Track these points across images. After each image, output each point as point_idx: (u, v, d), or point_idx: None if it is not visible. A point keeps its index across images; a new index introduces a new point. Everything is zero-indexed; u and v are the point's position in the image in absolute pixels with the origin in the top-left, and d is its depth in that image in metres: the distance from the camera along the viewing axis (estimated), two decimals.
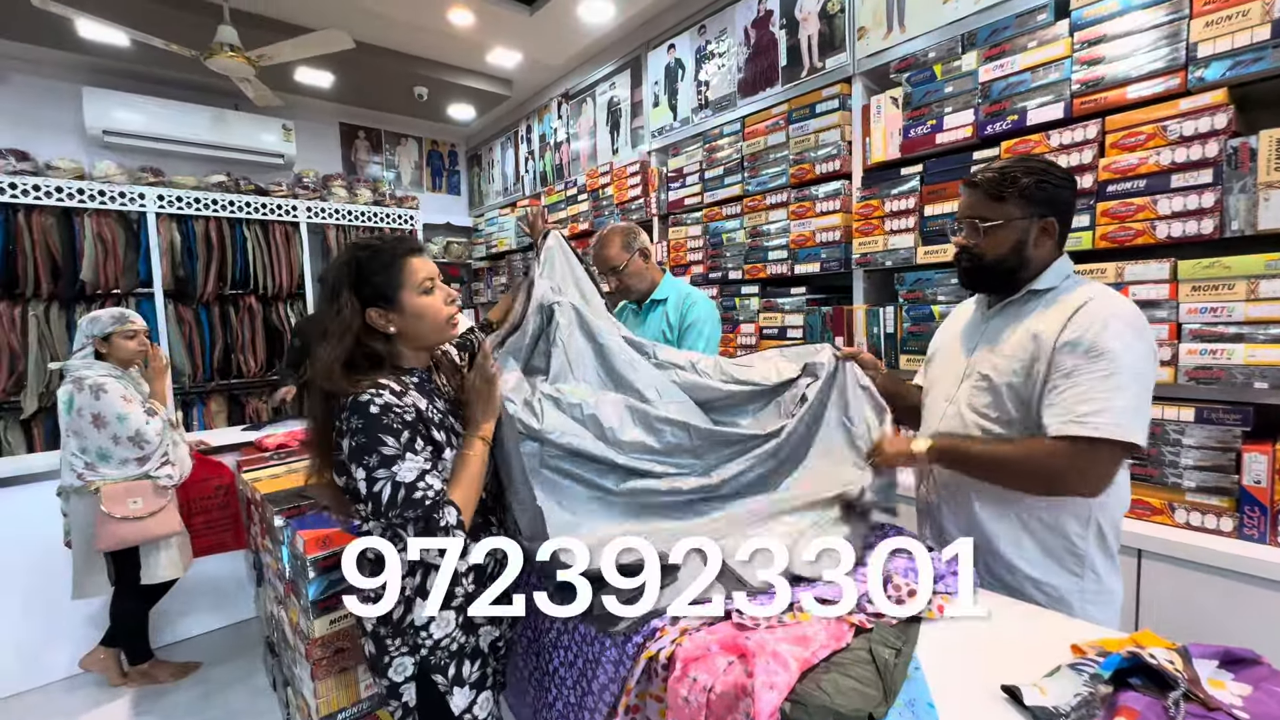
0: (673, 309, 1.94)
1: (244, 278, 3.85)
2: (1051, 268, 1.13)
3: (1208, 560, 1.43)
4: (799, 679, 0.83)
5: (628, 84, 3.44)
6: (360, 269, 1.07)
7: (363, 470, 0.95)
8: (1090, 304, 1.05)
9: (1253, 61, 1.42)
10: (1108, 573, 1.12)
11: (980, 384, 1.16)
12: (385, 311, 1.07)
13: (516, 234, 4.52)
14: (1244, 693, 0.76)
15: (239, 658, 2.54)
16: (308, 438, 1.09)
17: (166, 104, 3.75)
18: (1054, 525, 1.11)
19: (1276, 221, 1.39)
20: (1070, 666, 0.80)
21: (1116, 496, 1.11)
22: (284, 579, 1.83)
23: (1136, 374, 1.00)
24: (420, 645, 1.05)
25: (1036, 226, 1.10)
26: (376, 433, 0.96)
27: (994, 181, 1.11)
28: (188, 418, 3.75)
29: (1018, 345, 1.11)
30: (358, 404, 0.97)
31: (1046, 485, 1.06)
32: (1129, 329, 1.01)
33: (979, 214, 1.13)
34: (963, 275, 1.21)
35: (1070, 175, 1.12)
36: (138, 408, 2.11)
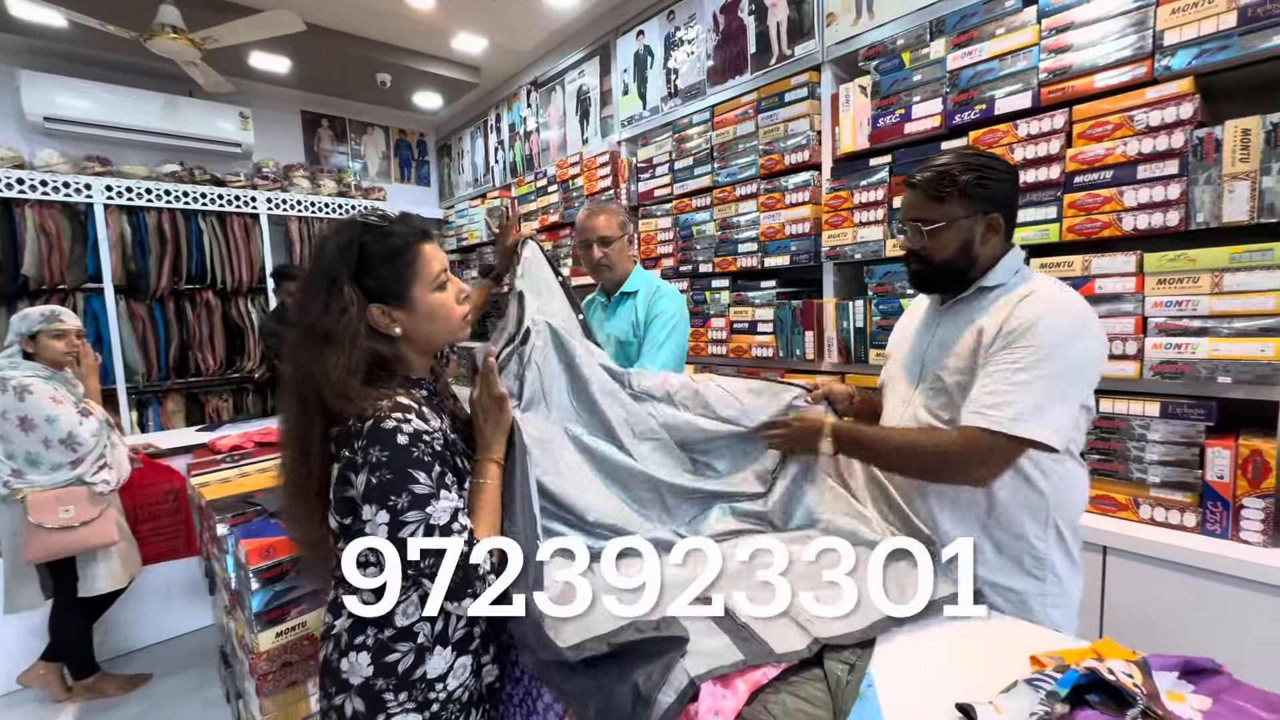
0: (641, 302, 1.88)
1: (201, 272, 3.70)
2: (1001, 263, 1.10)
3: (1171, 556, 1.42)
4: (748, 701, 0.78)
5: (597, 72, 3.35)
6: (365, 255, 0.88)
7: (386, 513, 0.80)
8: (1030, 298, 1.03)
9: (1219, 50, 1.39)
10: (1068, 574, 1.10)
11: (935, 385, 1.14)
12: (391, 309, 0.90)
13: (485, 228, 4.41)
14: (1204, 706, 0.73)
15: (192, 668, 2.45)
16: (290, 475, 0.90)
17: (114, 89, 3.56)
18: (1012, 527, 1.08)
19: (1241, 214, 1.37)
20: (1027, 682, 0.76)
21: (1073, 496, 1.10)
22: (230, 589, 1.75)
23: (1058, 371, 0.97)
24: (432, 701, 0.90)
25: (981, 224, 1.07)
26: (407, 468, 0.81)
27: (933, 182, 1.08)
28: (142, 418, 3.61)
29: (965, 344, 1.09)
30: (381, 432, 0.81)
31: (938, 473, 1.07)
32: (1064, 324, 0.99)
33: (921, 216, 1.10)
34: (912, 278, 1.19)
35: (1011, 167, 1.10)
36: (69, 409, 2.00)
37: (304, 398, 0.85)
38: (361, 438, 0.81)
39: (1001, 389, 0.98)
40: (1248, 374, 1.36)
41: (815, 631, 0.88)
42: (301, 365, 0.85)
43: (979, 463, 1.00)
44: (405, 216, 0.95)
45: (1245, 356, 1.36)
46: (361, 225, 0.90)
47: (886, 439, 1.12)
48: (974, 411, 1.00)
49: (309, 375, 0.84)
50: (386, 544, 0.82)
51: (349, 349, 0.84)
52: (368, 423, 0.81)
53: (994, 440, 0.98)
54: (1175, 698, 0.74)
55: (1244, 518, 1.40)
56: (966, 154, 1.10)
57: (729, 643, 0.85)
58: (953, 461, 1.02)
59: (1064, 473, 1.08)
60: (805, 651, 0.84)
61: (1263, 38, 1.33)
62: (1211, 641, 1.38)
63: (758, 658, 0.82)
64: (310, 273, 0.89)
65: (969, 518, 1.11)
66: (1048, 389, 0.97)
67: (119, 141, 3.66)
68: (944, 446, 1.03)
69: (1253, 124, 1.34)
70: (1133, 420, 1.53)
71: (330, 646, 0.92)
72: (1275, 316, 1.33)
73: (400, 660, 0.89)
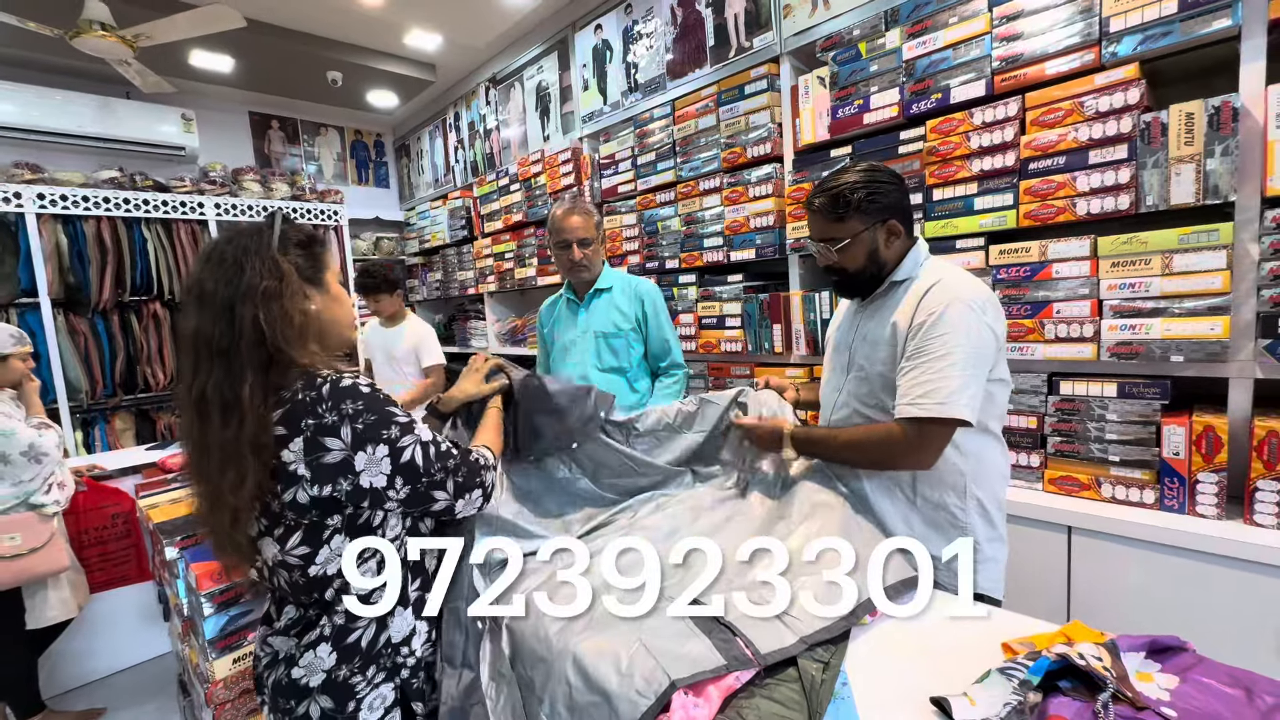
0: (622, 298, 1.96)
1: (146, 282, 3.52)
2: (907, 257, 1.20)
3: (1132, 533, 1.45)
4: (721, 708, 0.76)
5: (556, 67, 3.30)
6: (285, 236, 0.91)
7: (385, 446, 0.85)
8: (934, 289, 1.12)
9: (1162, 36, 1.42)
10: (988, 542, 1.19)
11: (859, 374, 1.24)
12: (305, 287, 0.91)
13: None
14: (1171, 685, 0.73)
15: (149, 699, 2.32)
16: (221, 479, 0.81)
17: (44, 92, 3.36)
18: (936, 501, 1.19)
19: (1188, 196, 1.40)
20: (1000, 671, 0.76)
21: (990, 470, 1.19)
22: (183, 615, 1.66)
23: (968, 353, 1.06)
24: (400, 666, 0.93)
25: (882, 232, 1.17)
26: (384, 407, 0.87)
27: (829, 204, 1.17)
28: (88, 438, 3.43)
29: (883, 336, 1.18)
30: (345, 389, 0.85)
31: (888, 462, 1.17)
32: (965, 310, 1.07)
33: (827, 236, 1.19)
34: (835, 289, 1.31)
35: (896, 174, 1.19)
36: (20, 423, 1.90)
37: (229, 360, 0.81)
38: (325, 400, 0.83)
39: (924, 379, 1.07)
40: (1199, 352, 1.40)
41: (801, 630, 0.86)
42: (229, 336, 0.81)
43: (919, 449, 1.09)
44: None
45: (1196, 335, 1.40)
46: (280, 214, 0.93)
47: (835, 437, 1.21)
48: (906, 403, 1.09)
49: (252, 338, 0.81)
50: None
51: (302, 301, 0.87)
52: (324, 386, 0.83)
53: (927, 426, 1.07)
54: (1144, 678, 0.75)
55: (1199, 492, 1.44)
56: (854, 170, 1.18)
57: (710, 646, 0.83)
58: (897, 450, 1.11)
59: (979, 447, 1.17)
60: (791, 650, 0.83)
61: (1202, 23, 1.36)
62: (1174, 615, 1.41)
63: (739, 664, 0.80)
64: (224, 243, 0.87)
65: (897, 495, 1.22)
66: (961, 371, 1.05)
67: (50, 147, 3.45)
68: (887, 439, 1.11)
69: (1195, 108, 1.37)
70: (1092, 401, 1.56)
71: (280, 669, 0.90)
72: (1222, 295, 1.37)
73: (361, 635, 0.89)
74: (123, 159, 3.64)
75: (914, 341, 1.10)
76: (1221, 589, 1.35)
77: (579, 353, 1.97)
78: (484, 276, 3.94)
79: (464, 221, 4.12)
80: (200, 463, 0.85)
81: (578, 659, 0.83)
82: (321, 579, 0.88)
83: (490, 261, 3.85)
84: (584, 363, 1.95)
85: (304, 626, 0.90)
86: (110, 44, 2.35)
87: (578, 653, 0.84)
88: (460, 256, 4.22)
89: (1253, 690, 0.69)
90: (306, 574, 0.87)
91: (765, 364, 2.36)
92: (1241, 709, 0.67)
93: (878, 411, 1.21)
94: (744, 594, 0.94)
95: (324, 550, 0.87)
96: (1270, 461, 1.34)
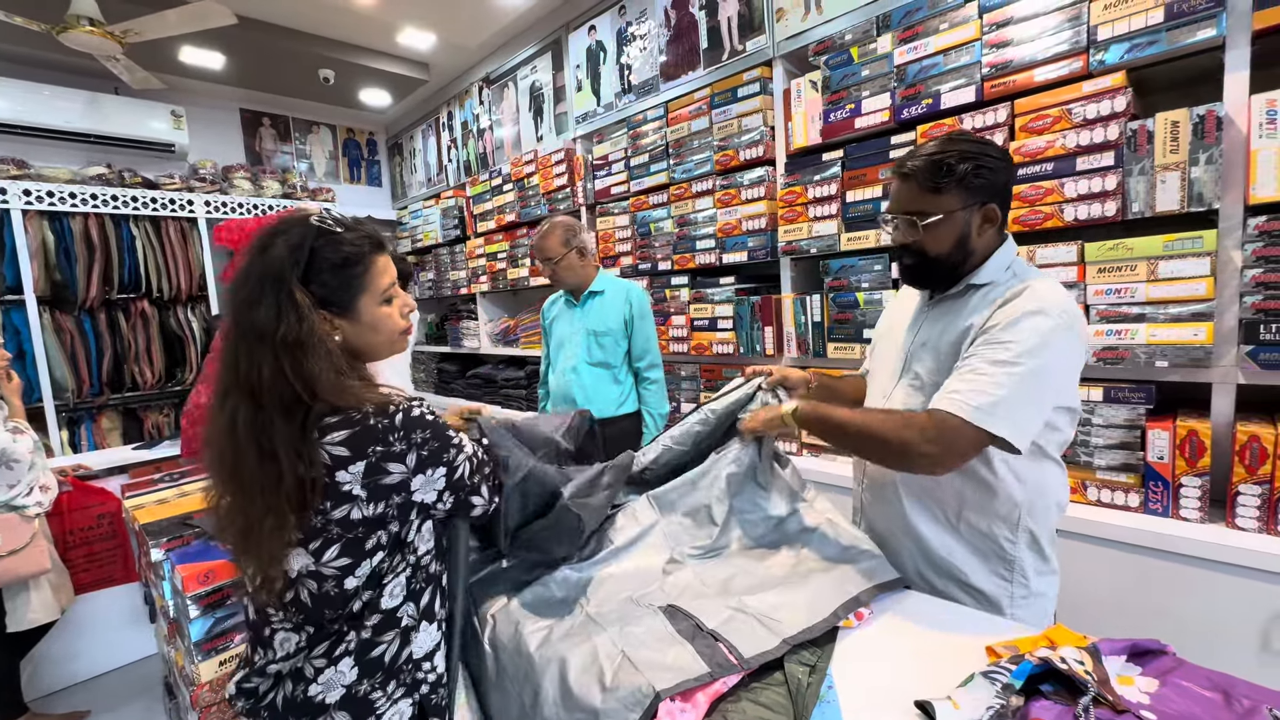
0: (614, 300, 2.20)
1: (134, 280, 3.49)
2: (992, 259, 1.05)
3: (1117, 537, 1.47)
4: (707, 712, 0.76)
5: (549, 68, 3.29)
6: (315, 259, 0.83)
7: (444, 468, 0.87)
8: (1019, 297, 0.97)
9: (1149, 44, 1.44)
10: (1038, 575, 1.07)
11: (914, 383, 1.09)
12: (333, 318, 0.86)
13: (442, 226, 4.29)
14: (1151, 688, 0.74)
15: (135, 701, 2.30)
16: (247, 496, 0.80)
17: (31, 87, 3.32)
18: (984, 530, 1.06)
19: (1173, 203, 1.41)
20: (983, 674, 0.76)
21: (1047, 500, 1.06)
22: (168, 617, 1.64)
23: (1034, 369, 0.91)
24: (421, 681, 0.90)
25: (978, 215, 1.02)
26: (444, 431, 0.88)
27: (928, 172, 1.01)
28: (74, 438, 3.39)
29: (950, 345, 1.04)
30: (416, 419, 0.84)
31: (897, 457, 0.98)
32: (1046, 325, 0.93)
33: (915, 209, 1.03)
34: (905, 273, 1.11)
35: (1005, 153, 1.05)
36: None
37: (258, 402, 0.79)
38: (398, 430, 0.82)
39: (972, 378, 0.93)
40: (1182, 357, 1.42)
41: (783, 632, 0.86)
42: (252, 369, 0.78)
43: (940, 448, 0.92)
44: (360, 223, 0.91)
45: (1180, 341, 1.41)
46: (316, 228, 0.84)
47: (849, 417, 1.03)
48: (943, 396, 0.95)
49: (272, 381, 0.78)
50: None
51: (325, 353, 0.81)
52: (398, 416, 0.83)
53: (958, 427, 0.91)
54: (1125, 681, 0.76)
55: (1183, 496, 1.45)
56: (959, 140, 1.02)
57: (693, 653, 0.83)
58: (912, 445, 0.93)
59: (1040, 476, 1.04)
60: (774, 653, 0.83)
61: (1188, 32, 1.38)
62: (1157, 617, 1.43)
63: (724, 670, 0.80)
64: (252, 267, 0.82)
65: (938, 516, 1.09)
66: (1019, 386, 0.91)
67: (38, 142, 3.42)
68: (905, 429, 0.95)
69: (1181, 116, 1.38)
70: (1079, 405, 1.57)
71: (288, 687, 0.85)
72: (1206, 302, 1.38)
73: (385, 650, 0.86)
74: (111, 155, 3.60)
75: (976, 342, 0.97)
76: (1203, 592, 1.37)
77: (573, 347, 2.23)
78: (476, 276, 3.93)
79: (456, 221, 4.10)
80: (229, 481, 0.82)
81: (563, 674, 0.83)
82: (356, 591, 0.85)
83: (483, 261, 3.84)
84: (576, 356, 2.21)
85: (326, 642, 0.85)
86: (98, 40, 2.32)
87: (563, 668, 0.83)
88: (453, 256, 4.21)
89: (1230, 693, 0.70)
90: (342, 585, 0.83)
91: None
92: (1219, 712, 0.68)
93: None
94: (721, 601, 0.94)
95: (365, 563, 0.84)
96: (1252, 466, 1.36)
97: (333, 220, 0.87)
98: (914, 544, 1.10)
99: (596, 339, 2.18)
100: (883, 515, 1.17)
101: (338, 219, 0.88)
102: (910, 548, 1.12)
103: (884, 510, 1.16)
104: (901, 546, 1.14)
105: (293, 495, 0.78)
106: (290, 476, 0.77)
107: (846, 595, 0.95)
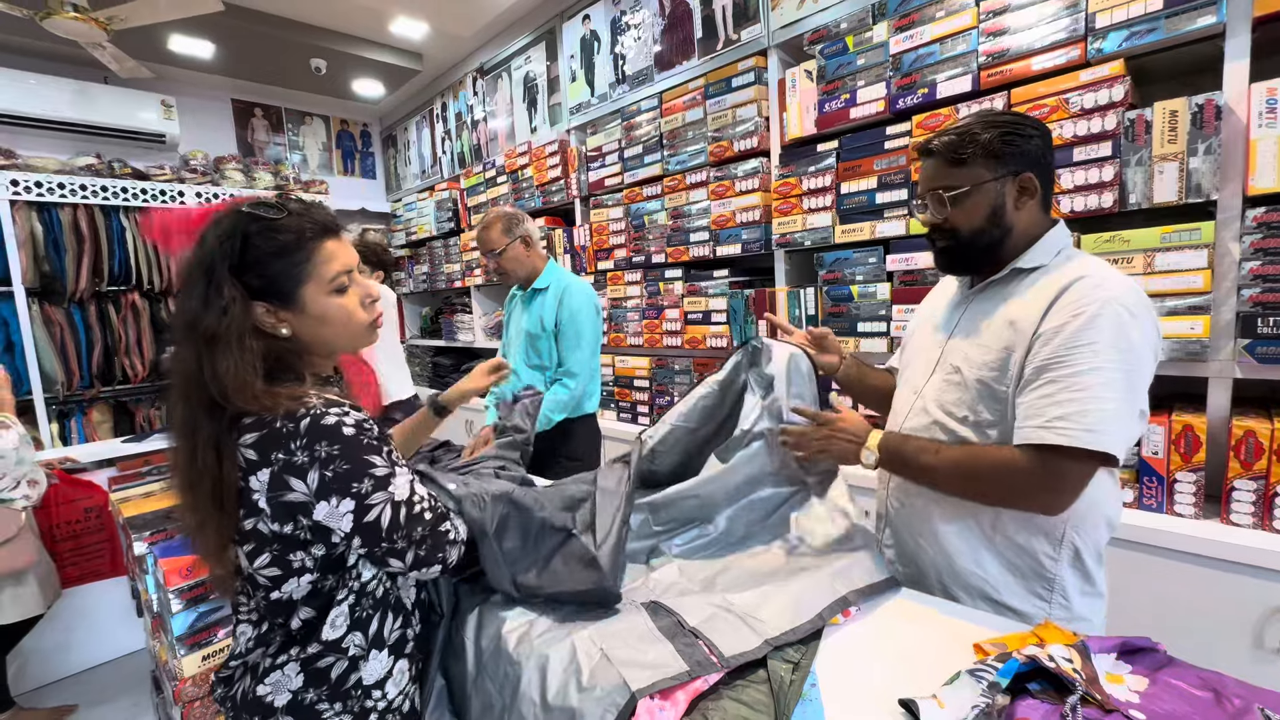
0: (551, 298, 2.02)
1: (125, 272, 3.46)
2: (1041, 242, 0.96)
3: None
4: (687, 711, 0.74)
5: (543, 58, 3.26)
6: (248, 249, 0.78)
7: (351, 500, 0.76)
8: (1078, 284, 0.88)
9: (1147, 32, 1.41)
10: (1080, 597, 0.96)
11: (951, 377, 1.00)
12: (276, 309, 0.80)
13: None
14: (1141, 687, 0.72)
15: (123, 695, 2.29)
16: (187, 493, 0.79)
17: (17, 75, 3.28)
18: (1021, 544, 0.96)
19: (1171, 194, 1.39)
20: (970, 673, 0.74)
21: (1097, 514, 0.95)
22: (152, 611, 1.63)
23: (1125, 373, 0.83)
24: (369, 710, 0.84)
25: (1012, 186, 0.94)
26: (362, 454, 0.77)
27: (952, 144, 0.95)
28: (64, 431, 3.36)
29: (995, 334, 0.95)
30: (324, 428, 0.75)
31: (1005, 498, 0.91)
32: (1122, 317, 0.84)
33: (942, 183, 0.96)
34: (940, 258, 1.03)
35: (1041, 124, 0.96)
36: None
37: (187, 396, 0.77)
38: (300, 436, 0.74)
39: (1066, 397, 0.83)
40: (1179, 351, 1.40)
41: (765, 632, 0.84)
42: (183, 363, 0.76)
43: (1051, 487, 0.85)
44: (306, 208, 0.84)
45: (1177, 334, 1.39)
46: (247, 215, 0.79)
47: (935, 462, 0.94)
48: (1037, 425, 0.85)
49: (195, 376, 0.75)
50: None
51: (237, 350, 0.75)
52: (304, 421, 0.74)
53: (1068, 459, 0.83)
54: (1114, 679, 0.74)
55: (1177, 491, 1.44)
56: (988, 114, 0.97)
57: (673, 651, 0.81)
58: (1020, 485, 0.86)
59: (1092, 486, 0.89)
60: (755, 653, 0.81)
61: (1186, 20, 1.36)
62: (1150, 613, 1.41)
63: (703, 668, 0.78)
64: (188, 262, 0.79)
65: (970, 526, 0.99)
66: (1116, 394, 0.82)
67: (26, 132, 3.38)
68: (1008, 467, 0.86)
69: (1180, 105, 1.36)
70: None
71: (247, 681, 0.83)
72: (1203, 295, 1.36)
73: (333, 666, 0.82)
74: (100, 145, 3.56)
75: (1050, 347, 0.86)
76: (1197, 588, 1.35)
77: (515, 348, 2.12)
78: (470, 269, 3.90)
79: (451, 214, 4.07)
80: (174, 475, 0.81)
81: (543, 674, 0.81)
82: (289, 603, 0.81)
83: (477, 254, 3.81)
84: (516, 357, 2.10)
85: (275, 643, 0.83)
86: (83, 26, 2.28)
87: (542, 667, 0.82)
88: (447, 249, 4.18)
89: (1221, 692, 0.68)
90: (269, 598, 0.80)
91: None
92: (1210, 711, 0.66)
93: (966, 426, 0.97)
94: (704, 598, 0.92)
95: (294, 581, 0.80)
96: (1248, 461, 1.34)
97: (274, 205, 0.81)
98: (940, 556, 1.01)
99: (532, 342, 2.06)
100: (909, 522, 1.08)
101: (280, 203, 0.82)
102: (935, 559, 1.02)
103: (910, 517, 1.07)
104: (925, 557, 1.05)
105: (211, 495, 0.76)
106: (208, 477, 0.75)
107: (835, 595, 0.93)
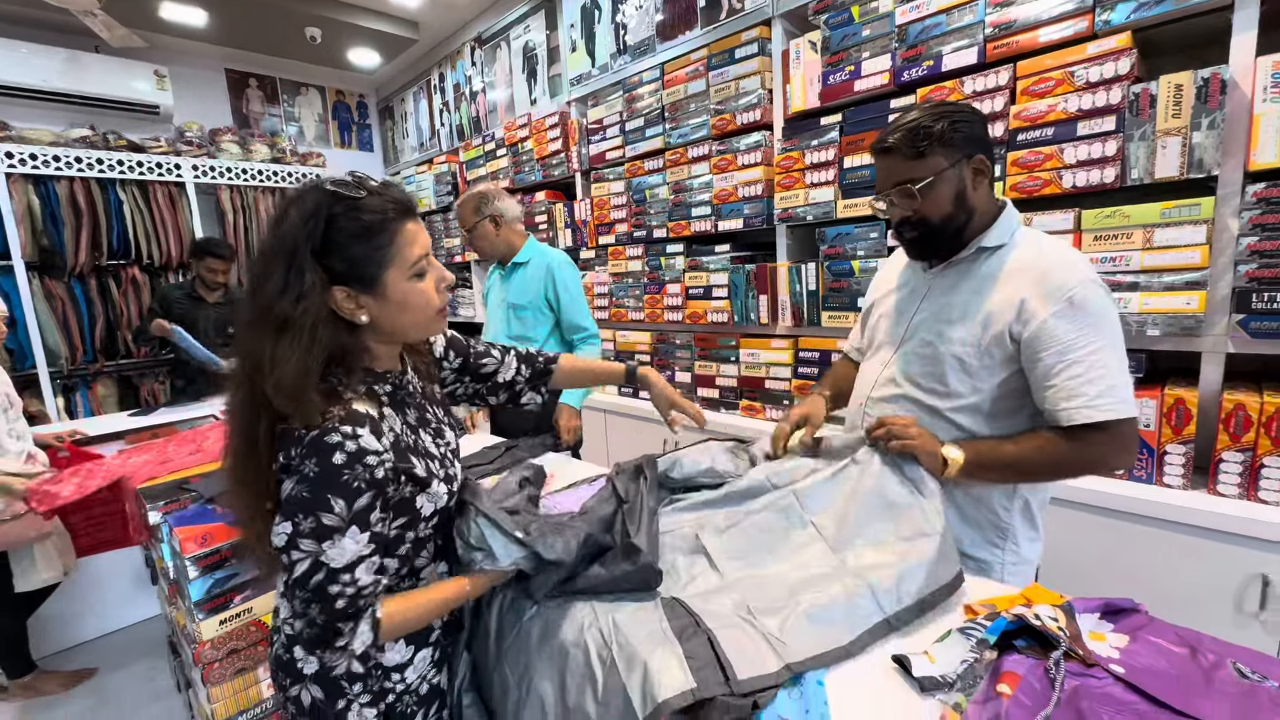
0: (535, 271, 2.11)
1: (124, 246, 3.45)
2: (999, 222, 1.05)
3: (1099, 502, 1.49)
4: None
5: (543, 27, 3.20)
6: (332, 229, 0.74)
7: (289, 525, 0.73)
8: (1056, 267, 0.98)
9: (1156, 4, 1.40)
10: (1028, 543, 1.10)
11: (921, 350, 1.08)
12: (357, 294, 0.77)
13: (435, 193, 4.22)
14: (1121, 644, 0.76)
15: (140, 660, 2.36)
16: (235, 467, 0.79)
17: (6, 44, 3.22)
18: (978, 497, 1.08)
19: (1172, 170, 1.40)
20: (959, 631, 0.78)
21: None
22: (169, 578, 1.67)
23: (1119, 341, 0.97)
24: (387, 691, 0.86)
25: (968, 169, 1.02)
26: (326, 493, 0.72)
27: (908, 139, 1.01)
28: (70, 404, 3.40)
29: (968, 311, 1.03)
30: (321, 445, 0.72)
31: (1089, 471, 1.06)
32: (1100, 293, 0.97)
33: (906, 178, 1.02)
34: (910, 248, 1.10)
35: (976, 109, 1.05)
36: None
37: (254, 386, 0.74)
38: (301, 445, 0.72)
39: (1096, 375, 0.94)
40: (1174, 326, 1.42)
41: (788, 656, 0.74)
42: (253, 351, 0.74)
43: (1129, 448, 0.98)
44: (387, 186, 0.80)
45: (1172, 309, 1.41)
46: (331, 194, 0.75)
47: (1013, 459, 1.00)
48: (1084, 405, 0.94)
49: (259, 364, 0.73)
50: None
51: (307, 341, 0.73)
52: (311, 433, 0.72)
53: (1130, 424, 0.96)
54: (1096, 637, 0.78)
55: (1167, 463, 1.47)
56: (928, 105, 1.04)
57: (680, 658, 0.73)
58: (1105, 462, 1.01)
59: None
60: (772, 678, 0.71)
61: None
62: (1136, 580, 1.46)
63: (707, 689, 0.68)
64: (267, 242, 0.76)
65: None
66: (1122, 362, 0.96)
67: (17, 102, 3.32)
68: (1083, 452, 0.97)
69: (1185, 79, 1.36)
70: None
71: (279, 641, 0.87)
72: (1200, 270, 1.38)
73: None
74: (94, 117, 3.51)
75: (1061, 327, 0.95)
76: (1182, 555, 1.40)
77: (495, 320, 2.21)
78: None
79: (450, 187, 4.04)
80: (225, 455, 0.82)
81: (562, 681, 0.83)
82: None
83: None
84: (498, 330, 2.17)
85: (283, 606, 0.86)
86: None
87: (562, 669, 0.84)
88: (446, 223, 4.16)
89: (1197, 648, 0.72)
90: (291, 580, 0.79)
91: (751, 335, 2.36)
92: (1186, 665, 0.70)
93: (934, 397, 1.06)
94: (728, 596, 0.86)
95: None
96: (1236, 434, 1.38)
97: (354, 183, 0.77)
98: None
99: (515, 312, 2.13)
100: None
101: (359, 181, 0.78)
102: None
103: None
104: None
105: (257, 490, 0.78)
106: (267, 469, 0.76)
107: (880, 615, 0.82)
